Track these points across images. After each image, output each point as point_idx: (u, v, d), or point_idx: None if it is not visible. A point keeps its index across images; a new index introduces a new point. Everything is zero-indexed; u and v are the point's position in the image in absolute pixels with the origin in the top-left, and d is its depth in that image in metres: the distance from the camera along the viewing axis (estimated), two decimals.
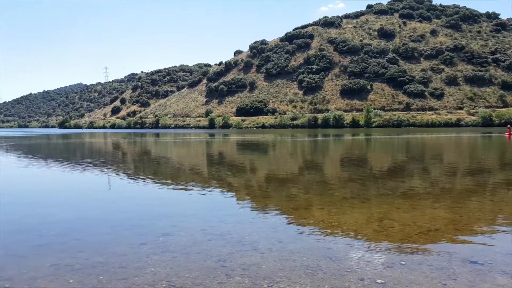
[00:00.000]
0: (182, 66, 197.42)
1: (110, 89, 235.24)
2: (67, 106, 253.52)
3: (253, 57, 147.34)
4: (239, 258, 4.59)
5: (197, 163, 17.72)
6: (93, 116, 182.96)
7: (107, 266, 4.37)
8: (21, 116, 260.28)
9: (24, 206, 7.97)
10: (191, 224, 6.24)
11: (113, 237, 5.56)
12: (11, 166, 15.98)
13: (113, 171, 13.94)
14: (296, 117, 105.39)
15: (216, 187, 10.03)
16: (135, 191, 9.80)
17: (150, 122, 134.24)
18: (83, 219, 6.72)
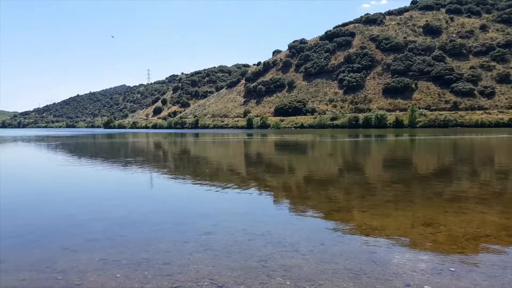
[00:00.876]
0: (221, 67, 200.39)
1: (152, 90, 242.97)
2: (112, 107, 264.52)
3: (292, 56, 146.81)
4: (280, 259, 4.60)
5: (235, 163, 17.91)
6: (136, 117, 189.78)
7: (151, 262, 4.52)
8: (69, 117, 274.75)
9: (75, 202, 8.40)
10: (231, 223, 6.32)
11: (157, 234, 5.74)
12: (61, 164, 16.89)
13: (154, 170, 14.39)
14: (336, 117, 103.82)
15: (254, 187, 10.09)
16: (176, 189, 10.06)
17: (189, 122, 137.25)
18: (128, 216, 6.99)
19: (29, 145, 34.58)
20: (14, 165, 17.73)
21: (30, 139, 47.96)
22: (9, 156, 23.62)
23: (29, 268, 4.37)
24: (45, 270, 4.32)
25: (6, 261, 4.61)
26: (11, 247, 5.16)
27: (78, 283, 3.96)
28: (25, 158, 21.99)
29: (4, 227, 6.16)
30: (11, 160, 20.73)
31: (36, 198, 8.88)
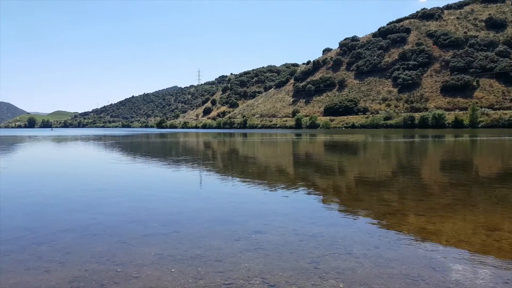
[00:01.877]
0: (269, 67, 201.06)
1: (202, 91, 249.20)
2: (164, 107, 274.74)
3: (343, 54, 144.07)
4: (332, 261, 4.54)
5: (283, 163, 17.90)
6: (187, 117, 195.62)
7: (204, 258, 4.65)
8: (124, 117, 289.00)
9: (131, 198, 8.83)
10: (282, 223, 6.33)
11: (209, 231, 5.89)
12: (116, 162, 17.83)
13: (204, 169, 14.75)
14: (390, 116, 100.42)
15: (304, 188, 10.03)
16: (225, 188, 10.26)
17: (238, 122, 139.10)
18: (181, 213, 7.24)
19: (87, 144, 36.83)
20: (74, 162, 18.97)
21: (89, 138, 51.05)
22: (71, 154, 25.30)
23: (91, 260, 4.66)
24: (105, 262, 4.59)
25: (71, 252, 4.96)
26: (76, 239, 5.54)
27: (136, 276, 4.17)
28: (84, 155, 23.45)
29: (69, 221, 6.62)
30: (73, 157, 22.20)
31: (96, 194, 9.43)
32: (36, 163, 18.51)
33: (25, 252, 4.97)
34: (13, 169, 15.44)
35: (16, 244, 5.31)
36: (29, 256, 4.80)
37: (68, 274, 4.24)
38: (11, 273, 4.27)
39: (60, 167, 16.64)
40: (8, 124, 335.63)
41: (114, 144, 35.75)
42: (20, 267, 4.44)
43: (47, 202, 8.35)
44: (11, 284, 3.98)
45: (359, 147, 28.75)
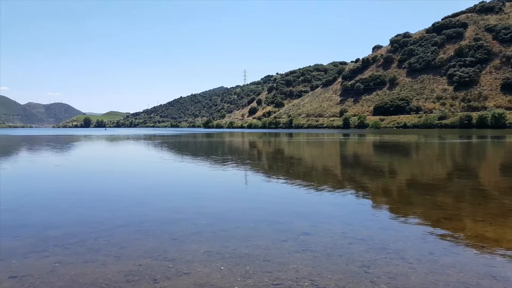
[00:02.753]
0: (316, 66, 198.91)
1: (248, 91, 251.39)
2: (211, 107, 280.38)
3: (394, 51, 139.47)
4: (384, 265, 4.44)
5: (331, 164, 17.65)
6: (233, 117, 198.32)
7: (252, 258, 4.72)
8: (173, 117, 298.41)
9: (180, 196, 9.13)
10: (330, 225, 6.27)
11: (256, 231, 5.96)
12: (165, 160, 18.47)
13: (249, 168, 14.89)
14: (445, 115, 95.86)
15: (352, 190, 9.84)
16: (270, 188, 10.30)
17: (283, 122, 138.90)
18: (228, 212, 7.38)
19: (138, 143, 38.43)
20: (126, 160, 19.88)
21: (139, 138, 53.23)
22: (123, 152, 26.55)
23: (144, 255, 4.88)
24: (157, 258, 4.79)
25: (126, 247, 5.22)
26: (130, 234, 5.82)
27: (186, 272, 4.31)
28: (135, 154, 24.51)
29: (123, 217, 6.97)
30: (125, 156, 23.28)
31: (147, 192, 9.85)
32: (90, 161, 19.61)
33: (84, 245, 5.30)
34: (69, 167, 16.45)
35: (75, 237, 5.67)
36: (87, 250, 5.11)
37: (123, 268, 4.47)
38: (71, 265, 4.57)
39: (113, 165, 17.52)
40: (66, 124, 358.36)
41: (162, 143, 37.02)
42: (79, 260, 4.75)
43: (103, 199, 8.84)
44: (71, 276, 4.26)
45: (411, 148, 27.70)
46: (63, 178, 12.68)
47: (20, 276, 4.23)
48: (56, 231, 6.00)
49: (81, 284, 4.04)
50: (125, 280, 4.13)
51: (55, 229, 6.16)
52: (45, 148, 30.55)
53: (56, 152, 25.45)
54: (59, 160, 19.34)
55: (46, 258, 4.81)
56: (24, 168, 15.97)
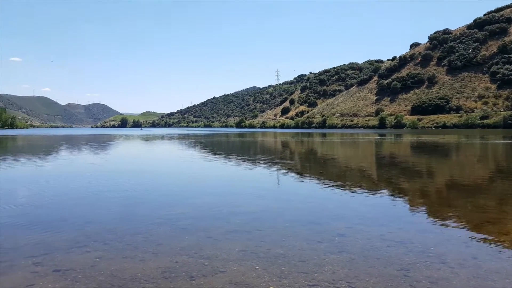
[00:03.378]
0: (351, 64, 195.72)
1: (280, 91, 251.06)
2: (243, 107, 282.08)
3: (432, 49, 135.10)
4: (424, 269, 4.31)
5: (366, 165, 17.32)
6: (265, 117, 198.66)
7: (287, 258, 4.71)
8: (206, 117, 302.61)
9: (215, 195, 9.25)
10: (366, 227, 6.16)
11: (291, 231, 5.95)
12: (199, 160, 18.76)
13: (281, 168, 14.86)
14: (488, 115, 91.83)
15: (388, 191, 9.62)
16: (303, 188, 10.24)
17: (317, 122, 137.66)
18: (262, 211, 7.40)
19: (172, 142, 39.25)
20: (161, 159, 20.35)
21: (173, 137, 54.35)
22: (158, 151, 27.20)
23: (181, 252, 4.99)
24: (193, 255, 4.88)
25: (163, 244, 5.35)
26: (167, 232, 5.96)
27: (222, 270, 4.37)
28: (169, 153, 25.04)
29: (159, 215, 7.15)
30: (160, 155, 23.84)
31: (181, 190, 10.04)
32: (126, 160, 20.22)
33: (122, 241, 5.48)
34: (106, 165, 17.04)
35: (114, 234, 5.87)
36: (126, 246, 5.28)
37: (161, 264, 4.58)
38: (111, 260, 4.73)
39: (148, 164, 17.98)
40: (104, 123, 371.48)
41: (196, 143, 37.63)
42: (118, 255, 4.91)
43: (139, 196, 9.09)
44: (111, 271, 4.41)
45: (451, 149, 26.73)
46: (100, 176, 13.15)
47: (64, 270, 4.43)
48: (95, 227, 6.24)
49: (121, 279, 4.18)
50: (162, 276, 4.24)
51: (95, 225, 6.40)
52: (84, 147, 31.79)
53: (94, 151, 26.43)
54: (96, 159, 20.09)
55: (87, 253, 5.01)
56: (64, 166, 16.69)
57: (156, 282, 4.09)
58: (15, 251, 5.07)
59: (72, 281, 4.13)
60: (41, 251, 5.08)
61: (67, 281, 4.13)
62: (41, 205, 8.24)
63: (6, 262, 4.68)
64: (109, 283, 4.07)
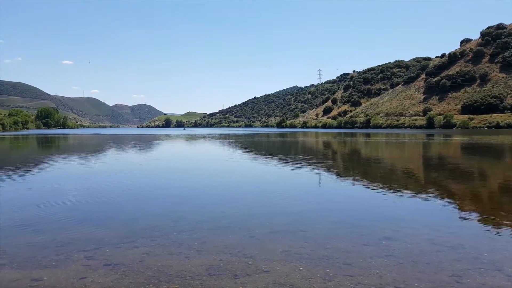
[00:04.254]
0: (397, 62, 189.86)
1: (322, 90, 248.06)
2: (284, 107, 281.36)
3: (485, 45, 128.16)
4: (477, 276, 4.11)
5: (412, 166, 16.72)
6: (306, 116, 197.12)
7: (332, 260, 4.66)
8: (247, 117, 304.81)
9: (257, 195, 9.31)
10: (415, 231, 5.96)
11: (335, 233, 5.88)
12: (240, 160, 18.94)
13: (323, 169, 14.67)
14: None
15: (437, 194, 9.24)
16: (347, 189, 10.06)
17: (360, 122, 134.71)
18: (304, 212, 7.36)
19: (214, 142, 39.88)
20: (203, 159, 20.74)
21: (215, 137, 55.21)
22: (200, 151, 27.74)
23: (225, 251, 5.07)
24: (237, 254, 4.94)
25: (207, 242, 5.46)
26: (211, 230, 6.08)
27: (266, 270, 4.39)
28: (211, 153, 25.47)
29: (203, 213, 7.30)
30: (202, 154, 24.31)
31: (223, 189, 10.19)
32: (170, 159, 20.78)
33: (168, 238, 5.64)
34: (152, 164, 17.60)
35: (160, 231, 6.06)
36: (172, 243, 5.44)
37: (205, 262, 4.68)
38: (158, 257, 4.90)
39: (191, 162, 18.38)
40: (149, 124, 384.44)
41: (237, 143, 38.00)
42: (165, 252, 5.07)
43: (182, 194, 9.33)
44: (158, 266, 4.56)
45: (505, 150, 25.25)
46: (146, 174, 13.61)
47: (114, 264, 4.64)
48: (142, 224, 6.47)
49: (167, 275, 4.31)
50: (207, 274, 4.32)
51: (142, 222, 6.64)
52: (130, 146, 33.04)
53: (140, 150, 27.39)
54: (142, 158, 20.81)
55: (135, 248, 5.21)
56: (112, 164, 17.42)
57: (201, 279, 4.18)
58: (69, 245, 5.37)
59: (121, 275, 4.32)
60: (92, 245, 5.34)
61: (117, 275, 4.32)
62: (91, 201, 8.66)
63: (61, 255, 4.96)
64: (157, 278, 4.21)
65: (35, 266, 4.57)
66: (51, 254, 4.99)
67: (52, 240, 5.57)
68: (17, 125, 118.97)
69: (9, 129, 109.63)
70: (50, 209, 7.69)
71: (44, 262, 4.70)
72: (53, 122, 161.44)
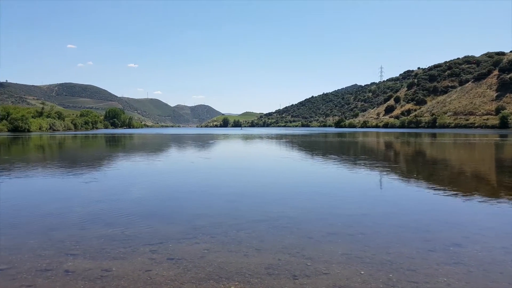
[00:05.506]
0: (466, 58, 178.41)
1: (384, 88, 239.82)
2: (343, 106, 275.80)
3: None
4: None
5: (484, 169, 15.61)
6: (367, 116, 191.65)
7: (395, 265, 4.51)
8: (304, 117, 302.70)
9: (315, 195, 9.22)
10: (485, 238, 5.60)
11: (398, 237, 5.67)
12: (297, 160, 18.86)
13: (384, 170, 14.16)
14: None
15: (511, 199, 8.57)
16: (410, 192, 9.63)
17: (425, 121, 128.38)
18: (366, 215, 7.17)
19: (270, 142, 40.07)
20: (259, 158, 20.92)
21: (271, 137, 55.46)
22: (257, 150, 28.01)
23: (283, 251, 5.09)
24: (295, 254, 4.95)
25: (265, 241, 5.53)
26: (269, 229, 6.14)
27: (325, 272, 4.35)
28: (267, 152, 25.61)
29: (261, 212, 7.38)
30: (258, 154, 24.54)
31: (280, 189, 10.22)
32: (228, 158, 21.21)
33: (227, 236, 5.78)
34: (210, 163, 18.07)
35: (220, 228, 6.22)
36: (231, 240, 5.57)
37: (264, 260, 4.74)
38: (218, 253, 5.04)
39: (248, 162, 18.62)
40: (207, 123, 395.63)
41: (294, 142, 37.88)
42: (224, 249, 5.20)
43: (241, 193, 9.49)
44: (218, 263, 4.70)
45: None
46: (205, 172, 14.01)
47: (176, 259, 4.84)
48: (203, 221, 6.68)
49: (227, 271, 4.42)
50: (266, 272, 4.37)
51: (202, 219, 6.86)
52: (190, 145, 34.20)
53: (200, 149, 28.26)
54: (201, 156, 21.45)
55: (196, 244, 5.40)
56: (173, 163, 18.15)
57: (260, 277, 4.24)
58: (135, 238, 5.69)
59: (184, 269, 4.50)
60: (157, 239, 5.62)
61: (179, 269, 4.51)
62: (155, 198, 9.10)
63: (128, 248, 5.28)
64: (217, 274, 4.34)
65: (105, 257, 4.90)
66: (119, 246, 5.33)
67: (120, 233, 5.94)
68: (88, 124, 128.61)
69: (80, 128, 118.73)
70: (118, 204, 8.20)
71: (113, 254, 5.03)
72: (120, 122, 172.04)
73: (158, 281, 4.17)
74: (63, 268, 4.55)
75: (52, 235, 5.87)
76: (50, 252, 5.12)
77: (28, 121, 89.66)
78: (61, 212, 7.49)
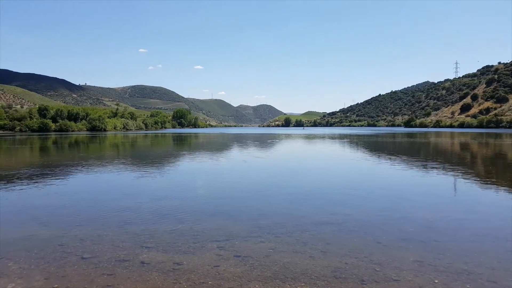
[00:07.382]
0: None
1: (460, 85, 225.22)
2: (413, 105, 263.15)
3: None
4: None
5: None
6: (440, 115, 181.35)
7: (473, 276, 4.25)
8: (370, 116, 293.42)
9: (383, 198, 8.93)
10: None
11: (476, 246, 5.33)
12: (363, 161, 18.33)
13: (458, 174, 13.29)
14: None
15: None
16: (489, 198, 8.97)
17: (507, 121, 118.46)
18: (439, 220, 6.81)
19: (334, 142, 39.37)
20: (322, 159, 20.64)
21: (335, 137, 54.45)
22: (318, 151, 27.68)
23: (350, 254, 5.01)
24: (363, 259, 4.84)
25: (331, 243, 5.48)
26: (335, 232, 6.08)
27: (395, 279, 4.22)
28: (330, 153, 25.19)
29: (326, 214, 7.32)
30: (319, 154, 24.24)
31: (349, 190, 10.02)
32: (289, 158, 21.19)
33: (292, 236, 5.81)
34: (273, 162, 18.17)
35: (284, 228, 6.27)
36: (296, 241, 5.59)
37: (330, 263, 4.70)
38: (283, 253, 5.09)
39: (310, 162, 18.47)
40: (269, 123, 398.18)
41: (359, 143, 36.88)
42: (289, 249, 5.24)
43: (304, 194, 9.46)
44: (284, 263, 4.75)
45: None
46: (268, 172, 14.13)
47: (243, 256, 4.97)
48: (267, 220, 6.77)
49: (293, 272, 4.45)
50: (332, 276, 4.34)
51: (267, 218, 6.95)
52: (252, 145, 34.68)
53: (262, 149, 28.56)
54: (264, 156, 21.66)
55: (261, 243, 5.50)
56: (237, 162, 18.52)
57: (327, 280, 4.22)
58: (203, 234, 5.92)
59: (250, 267, 4.61)
60: (224, 236, 5.81)
61: (246, 266, 4.62)
62: (220, 196, 9.38)
63: (197, 243, 5.51)
64: (283, 274, 4.39)
65: (176, 251, 5.17)
66: (189, 241, 5.59)
67: (190, 229, 6.22)
68: (157, 124, 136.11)
69: (150, 128, 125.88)
70: (185, 201, 8.58)
71: (183, 248, 5.28)
72: (186, 122, 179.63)
73: (226, 277, 4.32)
74: (139, 260, 4.87)
75: (128, 228, 6.30)
76: (127, 244, 5.50)
77: (105, 121, 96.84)
78: (134, 207, 8.00)
